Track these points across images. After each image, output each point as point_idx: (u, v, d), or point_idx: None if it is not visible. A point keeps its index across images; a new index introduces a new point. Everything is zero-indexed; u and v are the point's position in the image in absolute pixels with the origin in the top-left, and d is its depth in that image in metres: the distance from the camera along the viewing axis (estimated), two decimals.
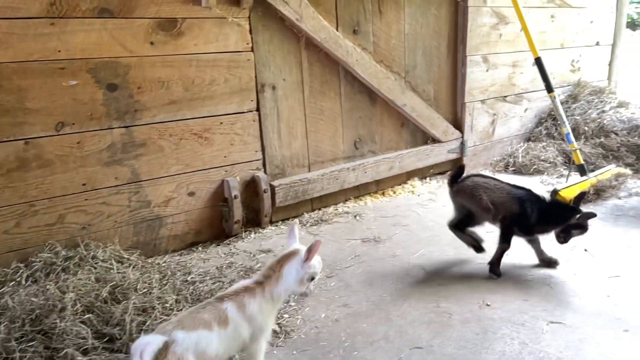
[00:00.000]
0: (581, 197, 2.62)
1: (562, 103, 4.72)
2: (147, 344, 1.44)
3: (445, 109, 4.19)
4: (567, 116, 4.52)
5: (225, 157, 3.11)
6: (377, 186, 3.94)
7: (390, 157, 3.87)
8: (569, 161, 4.07)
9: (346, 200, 3.77)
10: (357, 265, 2.81)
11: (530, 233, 2.61)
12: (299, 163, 3.48)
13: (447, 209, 3.58)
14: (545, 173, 4.18)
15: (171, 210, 2.98)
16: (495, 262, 2.62)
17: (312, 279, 1.77)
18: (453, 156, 4.26)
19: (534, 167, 4.24)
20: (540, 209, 2.52)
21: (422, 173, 4.20)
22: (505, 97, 4.48)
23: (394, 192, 3.97)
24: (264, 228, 3.29)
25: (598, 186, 3.65)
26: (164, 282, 2.41)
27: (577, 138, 4.37)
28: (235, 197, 3.07)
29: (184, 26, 2.81)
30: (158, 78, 2.78)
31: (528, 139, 4.73)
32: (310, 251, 1.71)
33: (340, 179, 3.59)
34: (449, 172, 2.74)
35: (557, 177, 4.09)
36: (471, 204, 2.65)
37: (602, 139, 4.30)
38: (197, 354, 1.51)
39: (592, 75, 5.18)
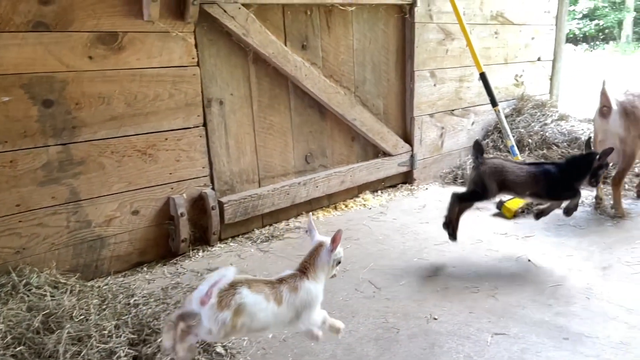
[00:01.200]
0: (589, 143, 3.03)
1: (507, 116, 4.90)
2: (224, 276, 1.65)
3: (395, 123, 4.25)
4: (511, 129, 4.68)
5: (170, 174, 3.03)
6: (329, 200, 3.94)
7: (341, 171, 3.88)
8: None
9: (298, 215, 3.75)
10: None
11: (574, 188, 2.87)
12: (248, 178, 3.43)
13: (398, 222, 3.63)
14: None
15: (114, 230, 2.87)
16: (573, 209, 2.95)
17: (339, 262, 2.00)
18: (403, 169, 4.31)
19: None
20: (563, 171, 2.83)
21: (374, 186, 4.23)
22: (452, 110, 4.59)
23: (346, 206, 3.97)
24: (212, 246, 3.22)
25: None
26: (104, 307, 2.30)
27: (521, 150, 4.52)
28: (182, 214, 2.99)
29: (125, 40, 2.74)
30: (98, 93, 2.69)
31: None
32: (334, 242, 1.93)
33: (292, 194, 3.56)
34: (473, 148, 3.00)
35: None
36: (491, 181, 2.85)
37: (544, 151, 4.46)
38: (250, 313, 1.70)
39: (535, 89, 5.39)
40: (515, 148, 4.02)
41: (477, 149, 2.93)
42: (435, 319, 2.37)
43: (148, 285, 2.73)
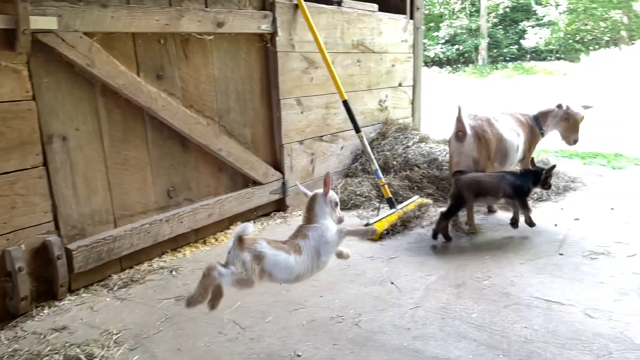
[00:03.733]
0: (533, 162, 3.75)
1: (373, 140, 5.11)
2: (246, 227, 2.11)
3: (263, 151, 4.21)
4: (378, 152, 4.89)
5: (5, 223, 2.67)
6: (197, 235, 3.76)
7: (209, 203, 3.73)
8: (380, 195, 4.35)
9: (162, 254, 3.52)
10: (167, 330, 2.59)
11: (527, 195, 3.66)
12: (102, 220, 3.15)
13: None
14: (362, 207, 4.41)
15: None
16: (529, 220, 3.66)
17: (337, 204, 2.40)
18: (275, 197, 4.28)
19: (352, 202, 4.46)
20: (521, 178, 3.59)
21: (246, 217, 4.14)
22: (321, 137, 4.68)
23: (216, 240, 3.83)
24: (60, 300, 2.88)
25: (404, 217, 3.95)
26: None
27: (387, 172, 4.73)
28: (20, 269, 2.65)
29: None
30: None
31: (346, 175, 4.98)
32: (325, 185, 2.36)
33: (153, 233, 3.34)
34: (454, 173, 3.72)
35: (371, 211, 4.33)
36: (468, 192, 3.53)
37: (407, 172, 4.69)
38: (271, 261, 2.14)
39: (398, 113, 5.70)
40: (379, 171, 4.18)
41: (459, 172, 3.64)
42: (299, 355, 2.33)
43: None
